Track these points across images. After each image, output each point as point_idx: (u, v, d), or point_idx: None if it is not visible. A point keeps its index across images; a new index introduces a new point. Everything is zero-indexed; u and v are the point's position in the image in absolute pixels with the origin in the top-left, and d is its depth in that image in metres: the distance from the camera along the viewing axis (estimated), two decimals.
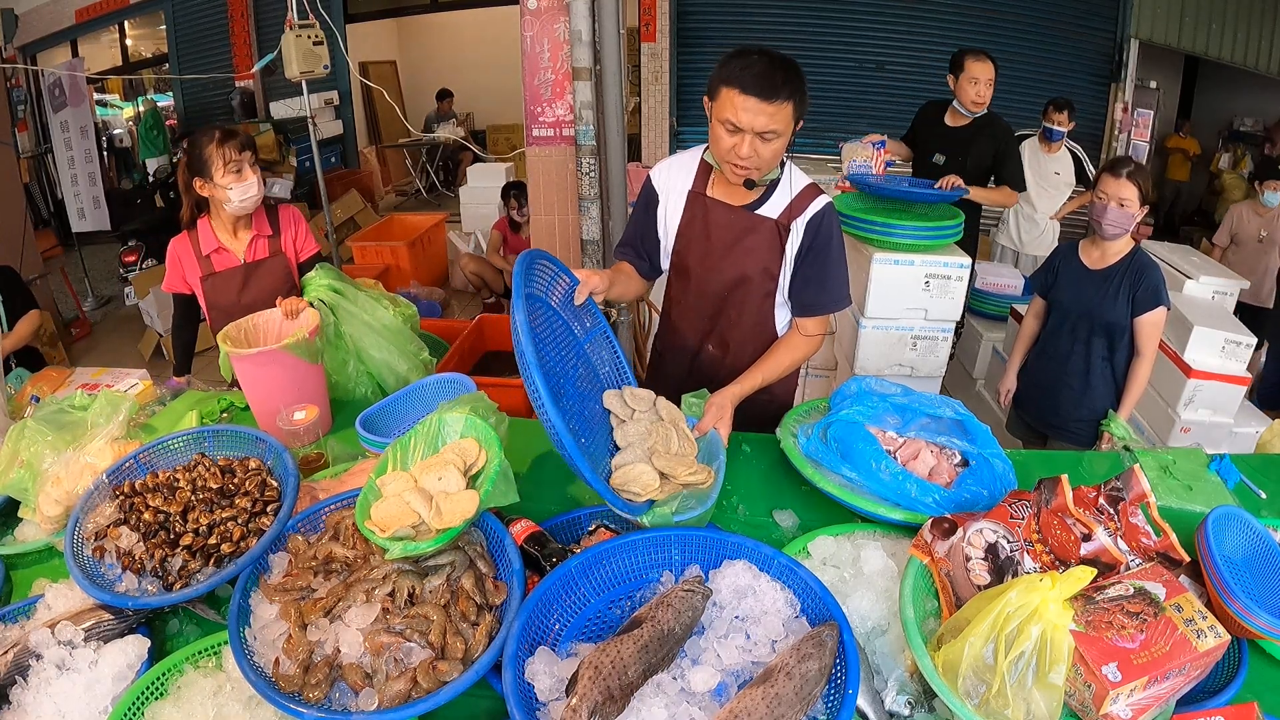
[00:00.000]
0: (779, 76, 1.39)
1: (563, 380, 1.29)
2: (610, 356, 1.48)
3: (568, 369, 1.34)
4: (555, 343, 1.33)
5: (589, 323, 1.45)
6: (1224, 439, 2.74)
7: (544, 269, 1.35)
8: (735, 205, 1.63)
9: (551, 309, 1.36)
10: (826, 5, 6.16)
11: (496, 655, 0.99)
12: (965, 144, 3.30)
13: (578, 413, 1.30)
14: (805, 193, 1.61)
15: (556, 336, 1.35)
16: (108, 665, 1.06)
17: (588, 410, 1.35)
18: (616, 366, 1.49)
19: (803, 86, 1.44)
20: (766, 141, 1.45)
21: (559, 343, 1.35)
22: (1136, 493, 1.15)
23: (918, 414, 1.49)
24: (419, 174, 8.58)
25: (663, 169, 1.70)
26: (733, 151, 1.47)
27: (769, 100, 1.40)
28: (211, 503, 1.25)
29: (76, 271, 5.91)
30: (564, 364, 1.33)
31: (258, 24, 7.48)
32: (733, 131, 1.45)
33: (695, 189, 1.66)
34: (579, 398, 1.33)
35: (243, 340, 1.78)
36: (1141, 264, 2.20)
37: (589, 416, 1.35)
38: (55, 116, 5.64)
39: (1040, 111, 4.43)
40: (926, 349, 2.82)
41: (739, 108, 1.41)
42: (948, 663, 0.93)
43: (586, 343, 1.43)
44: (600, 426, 1.36)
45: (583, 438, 1.24)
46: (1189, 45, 5.80)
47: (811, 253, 1.62)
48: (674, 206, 1.68)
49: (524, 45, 2.91)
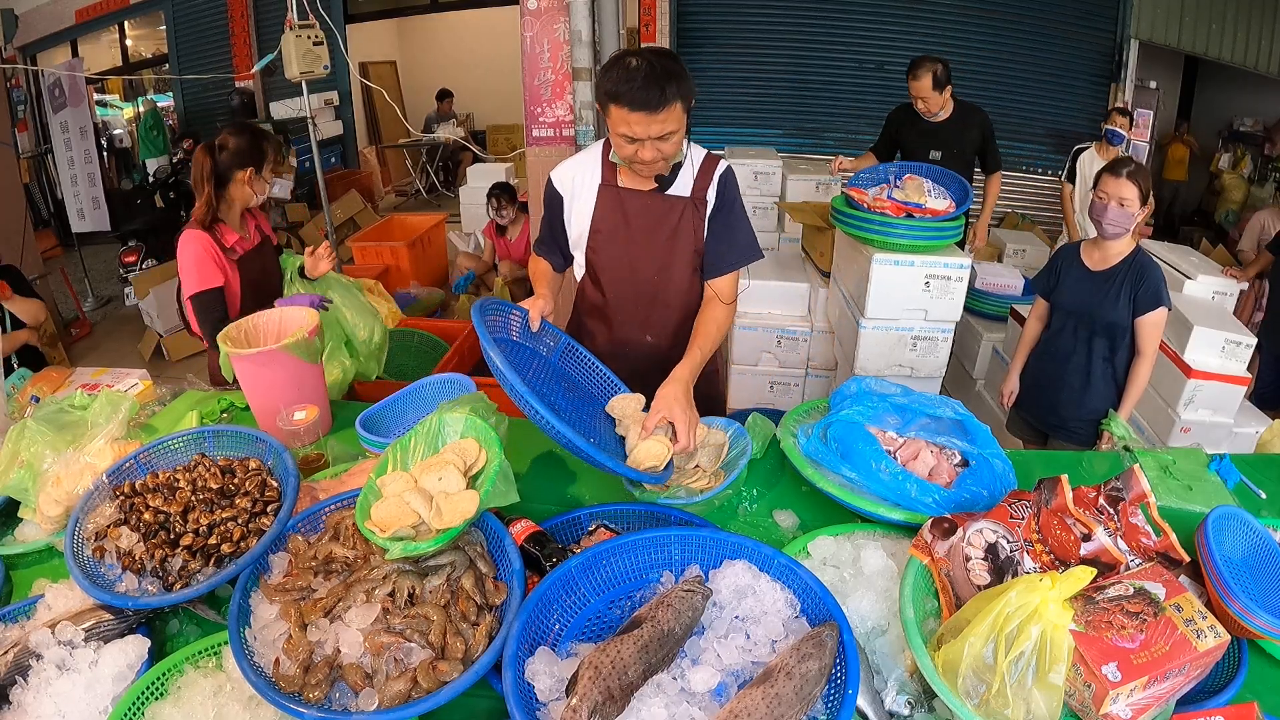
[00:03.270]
0: (659, 86, 1.42)
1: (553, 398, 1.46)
2: (584, 364, 1.63)
3: (553, 386, 1.51)
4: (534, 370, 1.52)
5: (552, 341, 1.60)
6: (1224, 439, 2.74)
7: (497, 310, 1.50)
8: (645, 190, 1.67)
9: (514, 343, 1.53)
10: (826, 5, 6.16)
11: (496, 655, 0.99)
12: (956, 137, 3.43)
13: (578, 419, 1.45)
14: (706, 164, 1.68)
15: (529, 364, 1.52)
16: (108, 665, 1.05)
17: (584, 414, 1.50)
18: (593, 370, 1.62)
19: (685, 79, 1.45)
20: (665, 140, 1.49)
21: (536, 369, 1.53)
22: (1136, 493, 1.15)
23: (918, 414, 1.49)
24: (419, 174, 8.59)
25: (564, 169, 1.73)
26: (636, 157, 1.52)
27: (656, 111, 1.43)
28: (211, 503, 1.25)
29: (76, 272, 5.91)
30: (546, 384, 1.50)
31: (258, 24, 7.49)
32: (631, 141, 1.49)
33: (605, 181, 1.69)
34: (571, 406, 1.49)
35: (243, 340, 1.78)
36: (1142, 264, 2.20)
37: (587, 418, 1.50)
38: (55, 117, 5.65)
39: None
40: (926, 349, 2.82)
41: (630, 123, 1.46)
42: (948, 663, 0.93)
43: (557, 359, 1.59)
44: (600, 423, 1.51)
45: (592, 437, 1.38)
46: (1189, 45, 5.80)
47: (719, 213, 1.69)
48: (584, 203, 1.70)
49: (524, 45, 2.91)
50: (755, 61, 6.33)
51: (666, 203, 1.67)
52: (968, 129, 3.42)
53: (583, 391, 1.58)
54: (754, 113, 6.44)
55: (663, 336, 1.78)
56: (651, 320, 1.77)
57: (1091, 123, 6.13)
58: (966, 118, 3.44)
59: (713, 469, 1.45)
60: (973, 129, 3.43)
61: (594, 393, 1.60)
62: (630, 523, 1.35)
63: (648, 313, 1.76)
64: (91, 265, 6.10)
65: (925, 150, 3.44)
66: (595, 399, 1.58)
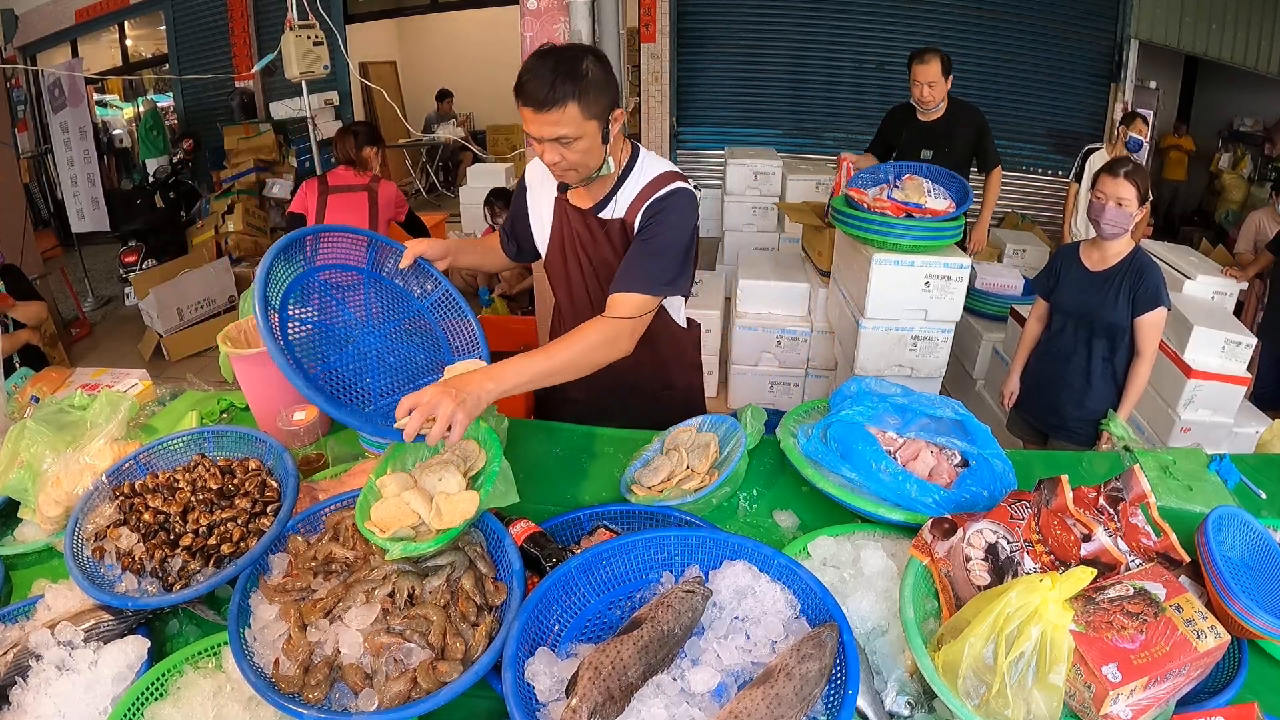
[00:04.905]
0: (550, 83, 1.31)
1: (362, 336, 1.42)
2: (456, 318, 1.55)
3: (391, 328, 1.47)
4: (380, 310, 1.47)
5: (430, 287, 1.55)
6: (1224, 439, 2.75)
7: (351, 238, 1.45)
8: (585, 209, 1.58)
9: (383, 280, 1.49)
10: (826, 5, 6.16)
11: (496, 656, 0.99)
12: (948, 136, 3.40)
13: (389, 364, 1.43)
14: (653, 184, 1.52)
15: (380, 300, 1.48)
16: (107, 666, 1.05)
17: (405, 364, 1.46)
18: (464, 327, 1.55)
19: (585, 83, 1.33)
20: (566, 145, 1.38)
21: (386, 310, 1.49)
22: (1136, 493, 1.15)
23: (918, 414, 1.49)
24: (419, 174, 8.58)
25: (537, 164, 1.63)
26: (543, 157, 1.43)
27: (543, 110, 1.33)
28: (211, 503, 1.25)
29: (76, 272, 5.91)
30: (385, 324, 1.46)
31: (258, 24, 7.47)
32: (536, 140, 1.40)
33: (560, 192, 1.63)
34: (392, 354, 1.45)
35: (243, 340, 1.78)
36: (1141, 265, 2.20)
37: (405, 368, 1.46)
38: (55, 117, 5.65)
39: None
40: (926, 349, 2.82)
41: (526, 120, 1.37)
42: (948, 663, 0.93)
43: (428, 305, 1.54)
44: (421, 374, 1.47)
45: (369, 376, 1.38)
46: (1189, 45, 5.80)
47: (639, 233, 1.51)
48: (544, 207, 1.66)
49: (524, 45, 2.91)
50: (755, 61, 6.32)
51: (601, 227, 1.57)
52: (960, 127, 3.40)
53: (442, 344, 1.52)
54: (754, 113, 6.44)
55: None
56: None
57: (1092, 123, 6.13)
58: (959, 116, 3.42)
59: (704, 469, 1.44)
60: (965, 127, 3.41)
61: (455, 346, 1.53)
62: (630, 523, 1.35)
63: None
64: (91, 265, 6.10)
65: (917, 149, 3.43)
66: (450, 352, 1.53)
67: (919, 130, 3.47)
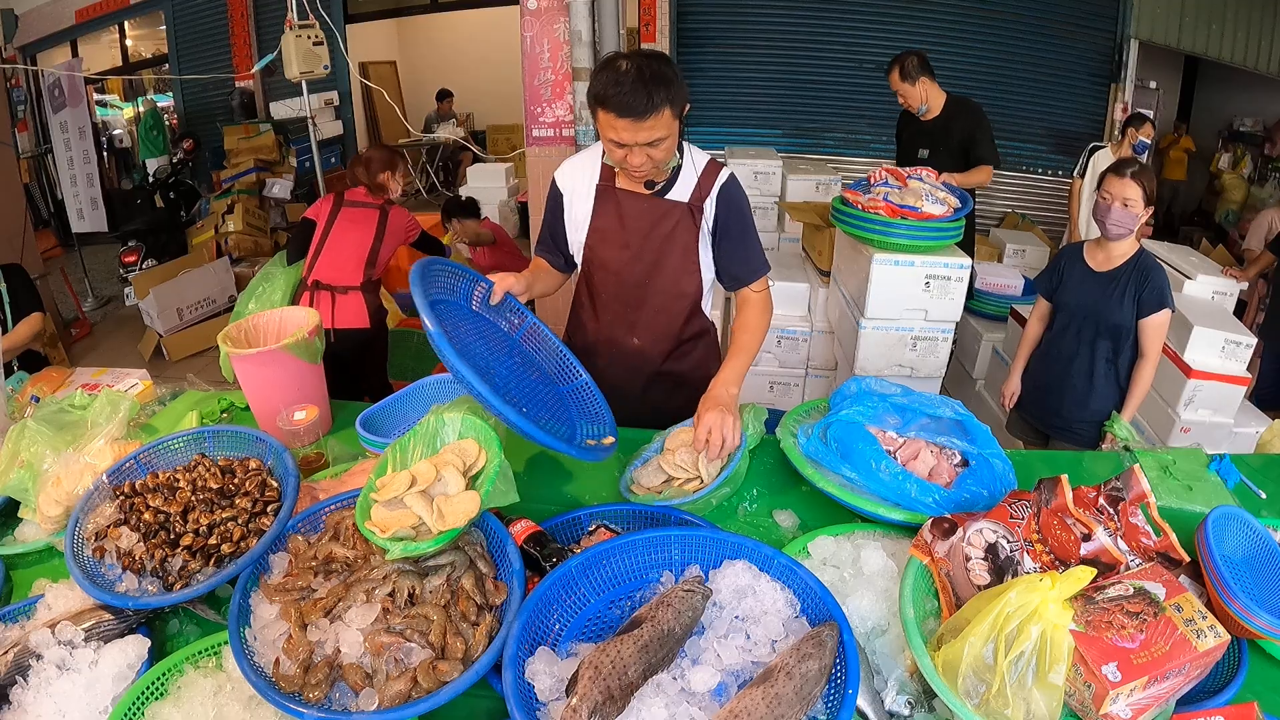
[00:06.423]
0: (647, 93, 1.39)
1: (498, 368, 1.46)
2: (548, 347, 1.63)
3: (506, 360, 1.51)
4: (487, 341, 1.50)
5: (517, 320, 1.61)
6: (1224, 439, 2.74)
7: (455, 274, 1.48)
8: (645, 193, 1.66)
9: (473, 312, 1.52)
10: (826, 5, 6.15)
11: (496, 655, 0.99)
12: (942, 133, 3.44)
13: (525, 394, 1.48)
14: (709, 170, 1.65)
15: (484, 333, 1.51)
16: (108, 665, 1.05)
17: (538, 392, 1.52)
18: (557, 355, 1.63)
19: (674, 84, 1.42)
20: (654, 146, 1.47)
21: (492, 341, 1.52)
22: (1136, 493, 1.15)
23: (918, 414, 1.49)
24: (419, 174, 8.58)
25: (567, 168, 1.73)
26: (625, 162, 1.51)
27: (642, 119, 1.41)
28: (211, 503, 1.25)
29: (76, 272, 5.92)
30: (497, 355, 1.50)
31: (258, 24, 7.48)
32: (620, 146, 1.47)
33: (603, 182, 1.68)
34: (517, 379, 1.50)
35: (243, 340, 1.78)
36: (1146, 266, 2.19)
37: (541, 396, 1.52)
38: (55, 117, 5.65)
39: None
40: (926, 349, 2.82)
41: (618, 129, 1.43)
42: (948, 663, 0.93)
43: (519, 337, 1.60)
44: (555, 405, 1.54)
45: (532, 410, 1.41)
46: (1189, 45, 5.80)
47: (728, 227, 1.67)
48: (583, 202, 1.70)
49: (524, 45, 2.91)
50: (755, 62, 6.32)
51: (662, 206, 1.65)
52: (954, 124, 3.41)
53: (542, 373, 1.59)
54: (754, 113, 6.44)
55: (648, 341, 1.76)
56: (638, 323, 1.75)
57: (1092, 123, 6.13)
58: (954, 113, 3.43)
59: (703, 469, 1.45)
60: (959, 123, 3.40)
61: (555, 376, 1.61)
62: (630, 523, 1.35)
63: (635, 315, 1.75)
64: (91, 265, 6.10)
65: (915, 149, 3.47)
66: (555, 382, 1.60)
67: (917, 130, 3.51)
